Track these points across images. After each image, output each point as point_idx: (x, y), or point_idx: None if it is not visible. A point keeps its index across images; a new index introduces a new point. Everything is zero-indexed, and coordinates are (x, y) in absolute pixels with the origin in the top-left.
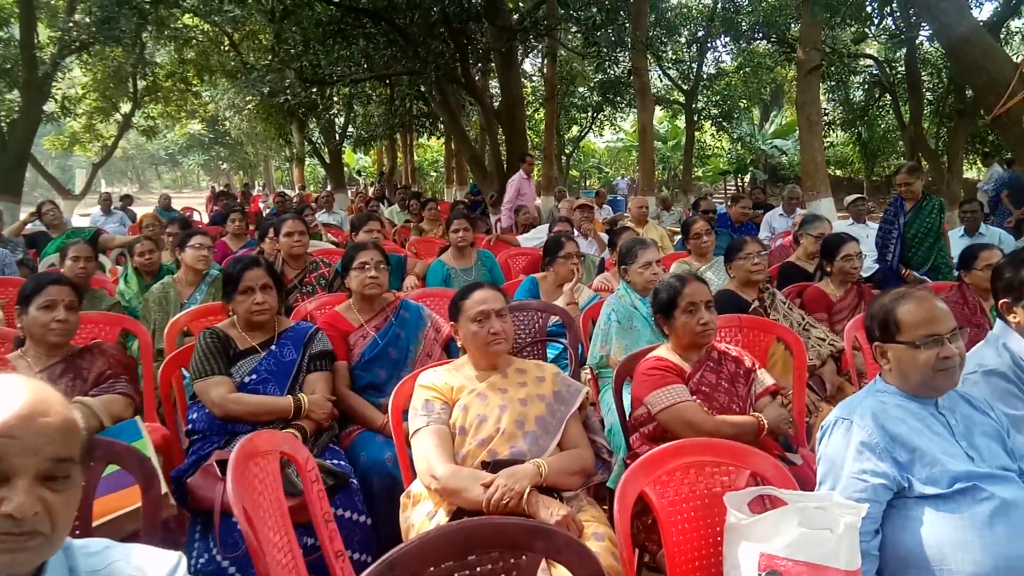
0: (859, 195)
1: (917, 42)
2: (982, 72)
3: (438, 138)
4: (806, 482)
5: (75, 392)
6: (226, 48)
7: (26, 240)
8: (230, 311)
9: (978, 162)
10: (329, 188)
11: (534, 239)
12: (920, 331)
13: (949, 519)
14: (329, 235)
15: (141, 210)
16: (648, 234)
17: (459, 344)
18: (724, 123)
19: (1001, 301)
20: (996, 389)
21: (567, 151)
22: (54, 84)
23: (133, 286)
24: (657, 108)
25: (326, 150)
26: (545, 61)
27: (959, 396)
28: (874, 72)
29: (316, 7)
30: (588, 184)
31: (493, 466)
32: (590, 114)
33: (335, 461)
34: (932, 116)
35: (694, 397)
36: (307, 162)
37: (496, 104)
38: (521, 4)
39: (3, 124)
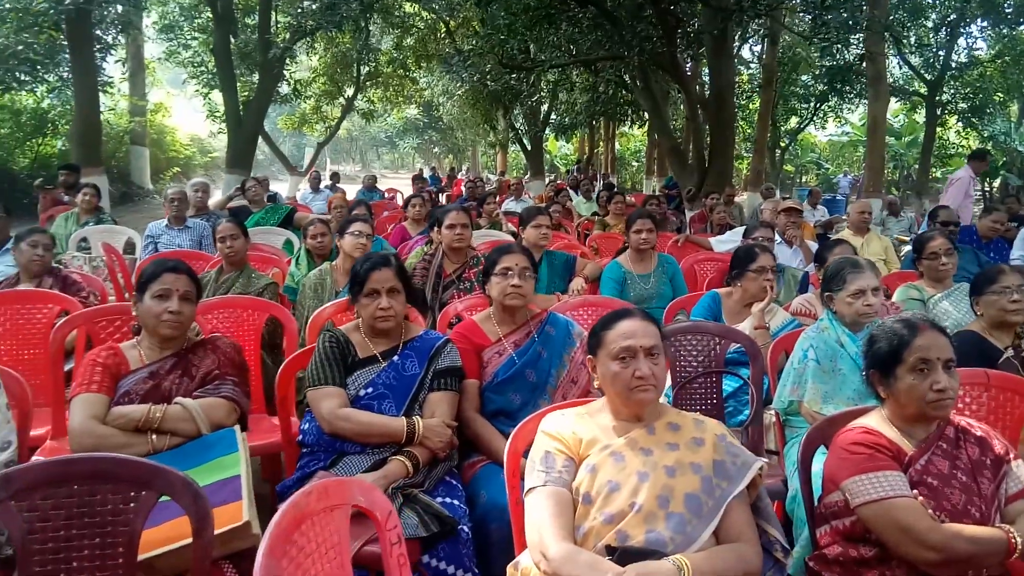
0: None
1: None
2: None
3: (640, 126)
4: None
5: (181, 390)
6: (442, 35)
7: (230, 213)
8: (355, 313)
9: None
10: (528, 175)
11: (728, 243)
12: None
13: None
14: (510, 225)
15: (354, 188)
16: (870, 244)
17: (596, 385)
18: (973, 119)
19: None
20: None
21: (783, 143)
22: (287, 68)
23: (303, 269)
24: (893, 99)
25: (528, 137)
26: (764, 45)
27: None
28: None
29: None
30: (804, 181)
31: (620, 555)
32: (812, 104)
33: (448, 499)
34: None
35: (915, 492)
36: (511, 148)
37: (704, 92)
38: None
39: (241, 104)
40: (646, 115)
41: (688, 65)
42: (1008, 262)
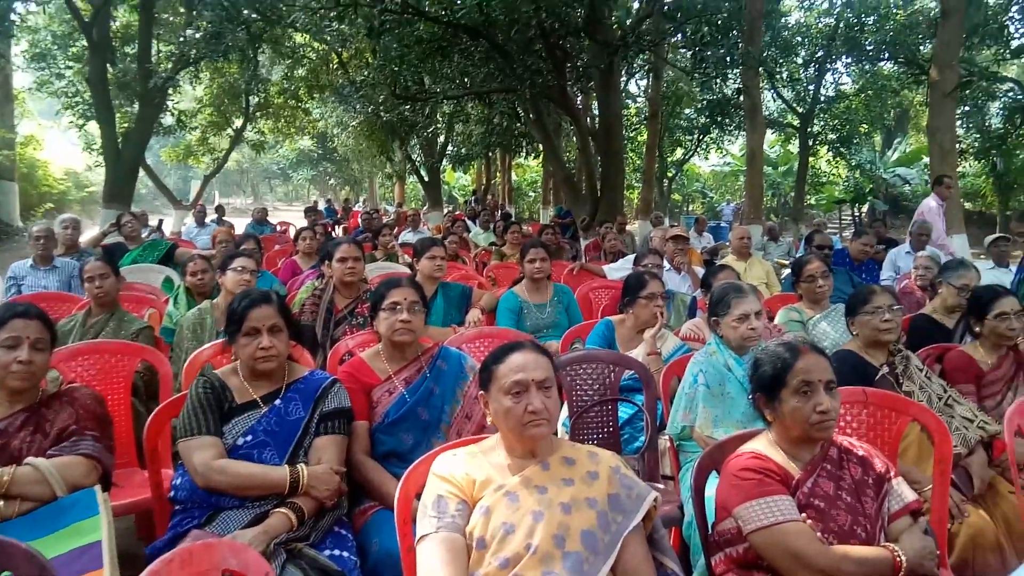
0: (1001, 235)
1: None
2: None
3: (535, 157)
4: None
5: (33, 449)
6: (335, 66)
7: (104, 251)
8: (233, 355)
9: None
10: (426, 206)
11: (621, 270)
12: None
13: None
14: (406, 256)
15: (245, 222)
16: (752, 268)
17: (490, 421)
18: (842, 149)
19: None
20: None
21: (670, 174)
22: (170, 98)
23: (182, 308)
24: (769, 131)
25: (425, 167)
26: (649, 80)
27: None
28: (1016, 96)
29: (416, 24)
30: (691, 209)
31: None
32: (696, 136)
33: (337, 552)
34: None
35: (803, 515)
36: (409, 179)
37: (595, 124)
38: (626, 19)
39: (119, 136)
40: (540, 146)
41: (579, 98)
42: (878, 282)
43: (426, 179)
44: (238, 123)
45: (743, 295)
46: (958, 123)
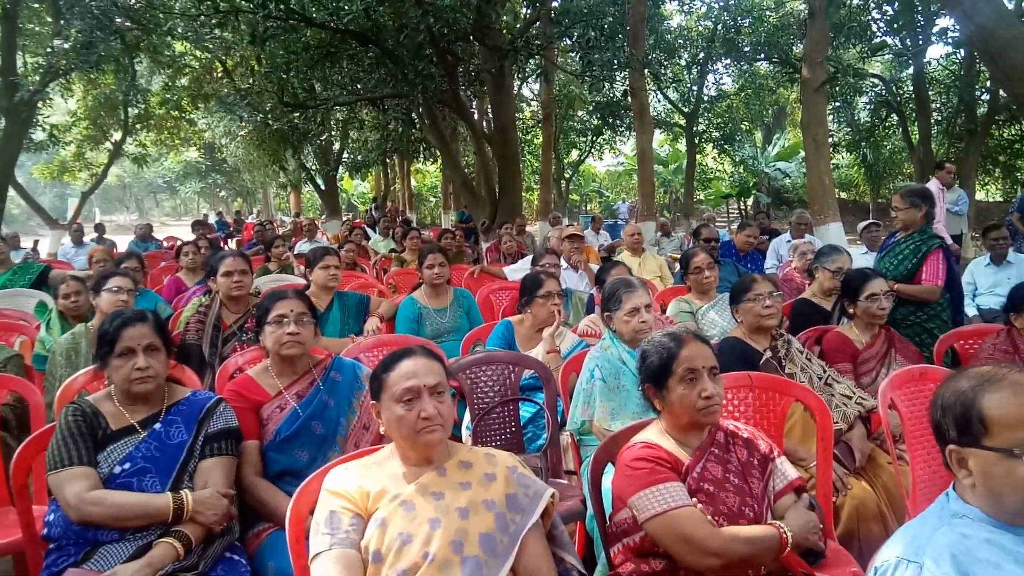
0: (873, 220)
1: (924, 61)
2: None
3: (433, 163)
4: None
5: None
6: (219, 74)
7: None
8: (106, 379)
9: (989, 184)
10: (324, 215)
11: (520, 271)
12: (1020, 433)
13: None
14: (301, 267)
15: (128, 239)
16: (646, 264)
17: (383, 431)
18: (726, 146)
19: None
20: None
21: (567, 175)
22: (40, 112)
23: (55, 333)
24: (657, 131)
25: (321, 176)
26: (541, 83)
27: None
28: (880, 92)
29: (302, 30)
30: (588, 209)
31: None
32: (589, 137)
33: None
34: (941, 136)
35: (694, 499)
36: (305, 188)
37: (490, 127)
38: (514, 24)
39: None
40: (438, 151)
41: (473, 103)
42: (763, 271)
43: (322, 187)
44: (117, 136)
45: (633, 289)
46: (830, 118)
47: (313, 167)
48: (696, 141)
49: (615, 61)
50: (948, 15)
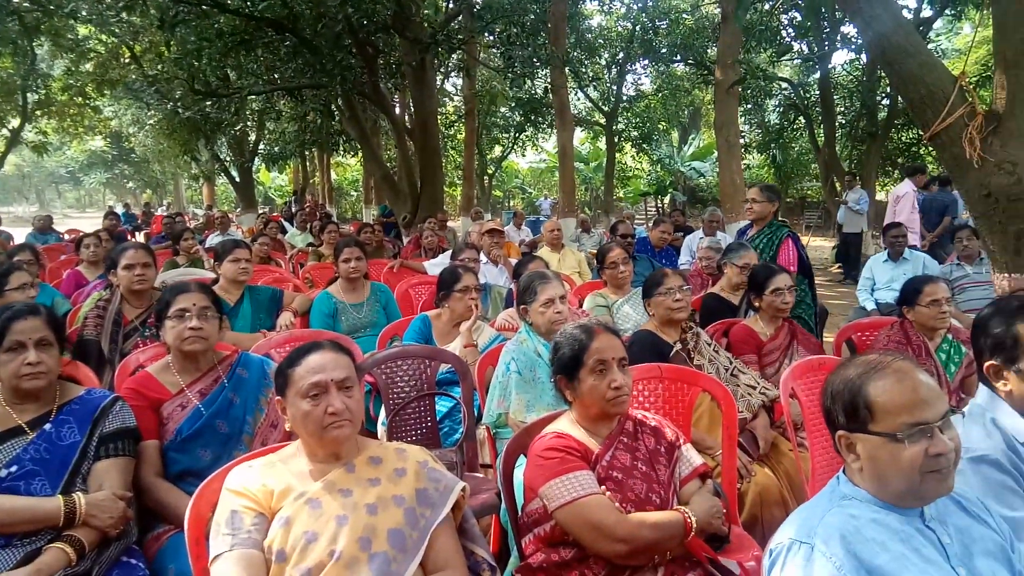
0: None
1: (830, 66)
2: (919, 85)
3: (354, 155)
4: None
5: None
6: (126, 60)
7: None
8: None
9: (889, 184)
10: (239, 208)
11: (440, 265)
12: (903, 418)
13: None
14: (211, 261)
15: (23, 232)
16: (565, 259)
17: (288, 427)
18: (644, 145)
19: (988, 363)
20: (989, 483)
21: (490, 171)
22: None
23: None
24: (578, 129)
25: (236, 167)
26: (463, 78)
27: (949, 499)
28: (789, 95)
29: (215, 16)
30: (511, 205)
31: None
32: (512, 134)
33: None
34: (844, 139)
35: (603, 487)
36: (219, 180)
37: (412, 121)
38: (435, 17)
39: None
40: (358, 144)
41: (395, 95)
42: (677, 266)
43: (237, 179)
44: (15, 123)
45: (547, 281)
46: (741, 119)
47: (227, 158)
48: (616, 140)
49: (536, 58)
50: (851, 23)
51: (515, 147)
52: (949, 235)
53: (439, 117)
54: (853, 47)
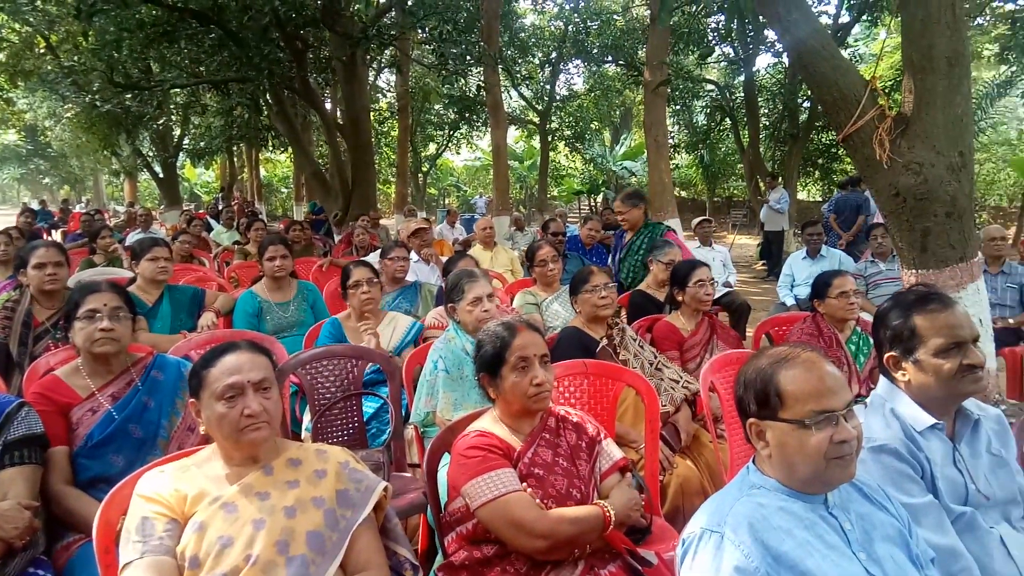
0: (704, 217)
1: (754, 69)
2: (832, 88)
3: (283, 151)
4: None
5: None
6: (42, 51)
7: None
8: None
9: (809, 185)
10: (163, 205)
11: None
12: (810, 405)
13: None
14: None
15: None
16: (497, 257)
17: (203, 430)
18: (577, 144)
19: (887, 355)
20: (888, 471)
21: (424, 168)
22: None
23: None
24: (512, 127)
25: (159, 163)
26: (396, 74)
27: (851, 486)
28: (716, 97)
29: (135, 6)
30: (446, 203)
31: None
32: (446, 131)
33: None
34: (768, 140)
35: (524, 484)
36: (142, 176)
37: (343, 117)
38: (366, 12)
39: None
40: (287, 140)
41: (326, 91)
42: (607, 264)
43: (161, 176)
44: None
45: (475, 280)
46: (670, 120)
47: (150, 153)
48: (549, 138)
49: (469, 55)
50: (771, 28)
51: (449, 145)
52: (864, 233)
53: (372, 113)
54: (775, 51)
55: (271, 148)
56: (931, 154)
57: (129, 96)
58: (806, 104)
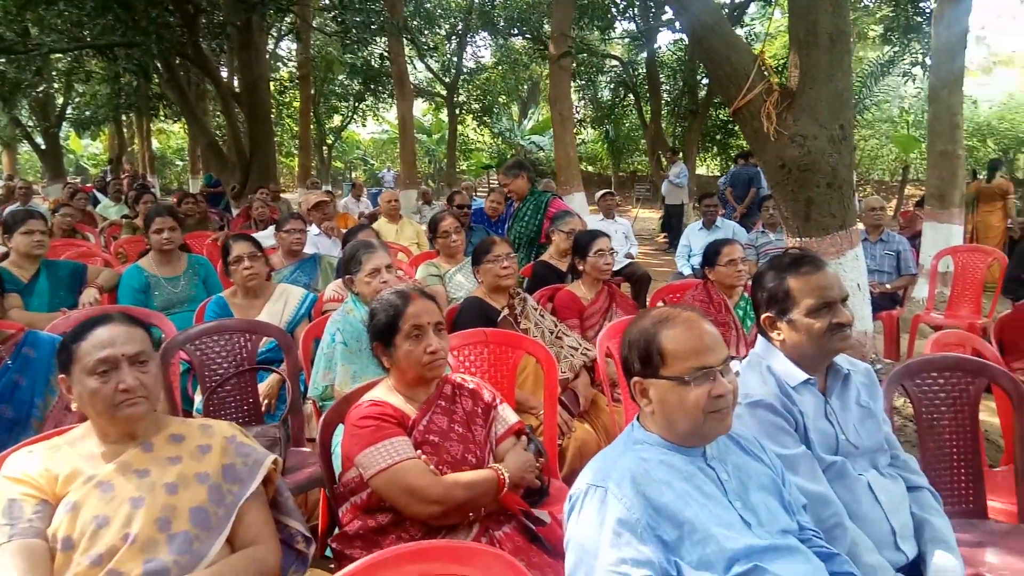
0: (607, 190)
1: (656, 46)
2: (724, 63)
3: (177, 122)
4: (558, 545)
5: None
6: None
7: None
8: None
9: (708, 160)
10: (46, 179)
11: (267, 238)
12: (690, 362)
13: None
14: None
15: None
16: (403, 230)
17: (75, 407)
18: (485, 117)
19: (764, 316)
20: (764, 424)
21: (329, 141)
22: None
23: None
24: (420, 100)
25: (40, 133)
26: (296, 42)
27: (729, 439)
28: (619, 72)
29: None
30: (353, 176)
31: None
32: (351, 103)
33: None
34: (669, 116)
35: (419, 452)
36: (22, 148)
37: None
38: None
39: None
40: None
41: (222, 58)
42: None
43: (43, 147)
44: None
45: (373, 250)
46: (576, 95)
47: (30, 123)
48: (457, 112)
49: (372, 24)
50: (668, 5)
51: (355, 117)
52: (757, 206)
53: (272, 83)
54: (676, 28)
55: (163, 118)
56: (814, 127)
57: (3, 61)
58: (705, 81)
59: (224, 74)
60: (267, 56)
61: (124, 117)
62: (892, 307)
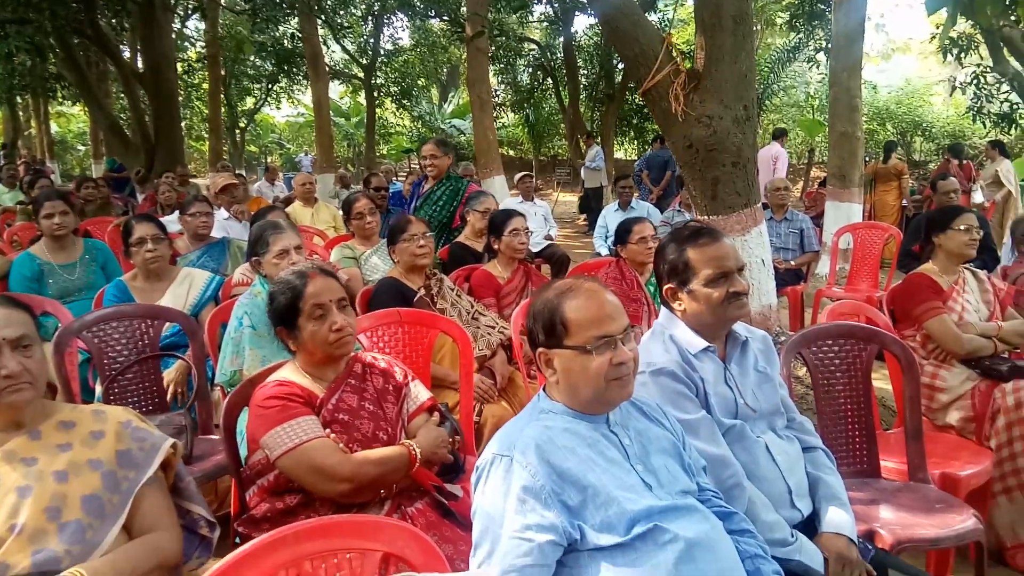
0: (526, 172)
1: (573, 30)
2: (633, 45)
3: (76, 104)
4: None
5: None
6: None
7: None
8: None
9: (625, 143)
10: None
11: (172, 223)
12: (592, 331)
13: (630, 574)
14: None
15: None
16: (319, 214)
17: None
18: (404, 101)
19: (665, 287)
20: (666, 391)
21: (242, 124)
22: None
23: None
24: (337, 82)
25: None
26: (203, 20)
27: (631, 405)
28: (537, 56)
29: None
30: (269, 160)
31: None
32: (264, 84)
33: None
34: (587, 100)
35: (328, 431)
36: None
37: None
38: None
39: None
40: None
41: (124, 36)
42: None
43: None
44: None
45: (280, 231)
46: (495, 79)
47: None
48: (375, 94)
49: (283, 2)
50: None
51: (268, 99)
52: (677, 186)
53: (179, 63)
54: (592, 12)
55: (61, 100)
56: (719, 107)
57: None
58: (621, 66)
59: (126, 54)
60: (172, 35)
61: (19, 99)
62: (796, 283)
